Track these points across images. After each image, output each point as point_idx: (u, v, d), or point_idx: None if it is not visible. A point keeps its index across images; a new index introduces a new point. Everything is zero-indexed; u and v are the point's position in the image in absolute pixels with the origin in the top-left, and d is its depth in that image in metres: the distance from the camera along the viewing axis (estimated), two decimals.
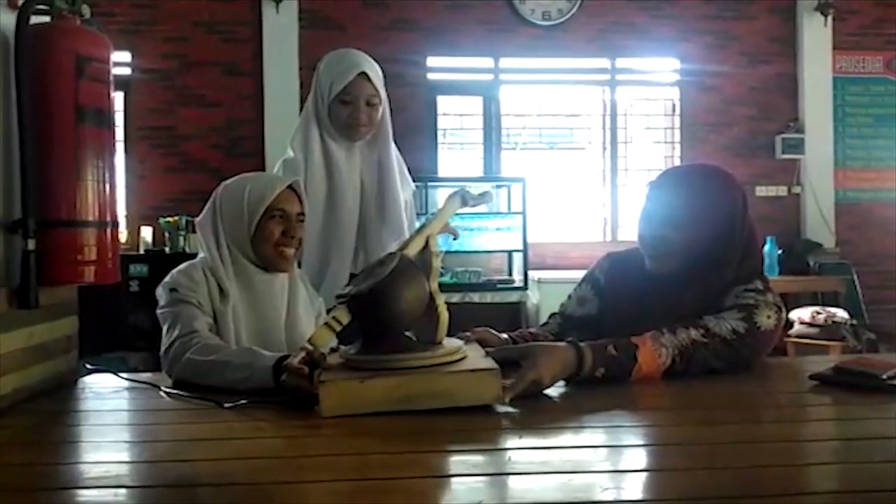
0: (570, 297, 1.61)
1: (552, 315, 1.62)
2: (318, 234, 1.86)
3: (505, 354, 1.22)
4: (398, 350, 1.15)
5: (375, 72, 1.84)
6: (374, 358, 1.15)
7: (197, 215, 1.58)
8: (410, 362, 1.13)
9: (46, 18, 1.29)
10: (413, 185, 2.04)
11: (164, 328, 1.44)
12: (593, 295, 1.57)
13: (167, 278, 1.50)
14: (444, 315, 1.20)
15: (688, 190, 1.42)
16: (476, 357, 1.19)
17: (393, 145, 1.94)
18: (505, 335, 1.47)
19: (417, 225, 1.91)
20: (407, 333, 1.19)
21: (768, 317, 1.36)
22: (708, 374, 1.32)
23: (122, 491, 0.87)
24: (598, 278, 1.58)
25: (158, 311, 1.47)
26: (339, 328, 1.13)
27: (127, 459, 1.02)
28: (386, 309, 1.14)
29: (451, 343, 1.21)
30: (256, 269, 1.52)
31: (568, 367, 1.22)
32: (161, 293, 1.49)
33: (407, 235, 1.86)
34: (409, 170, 2.02)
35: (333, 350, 1.32)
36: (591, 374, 1.24)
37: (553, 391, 1.22)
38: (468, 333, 1.38)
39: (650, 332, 1.30)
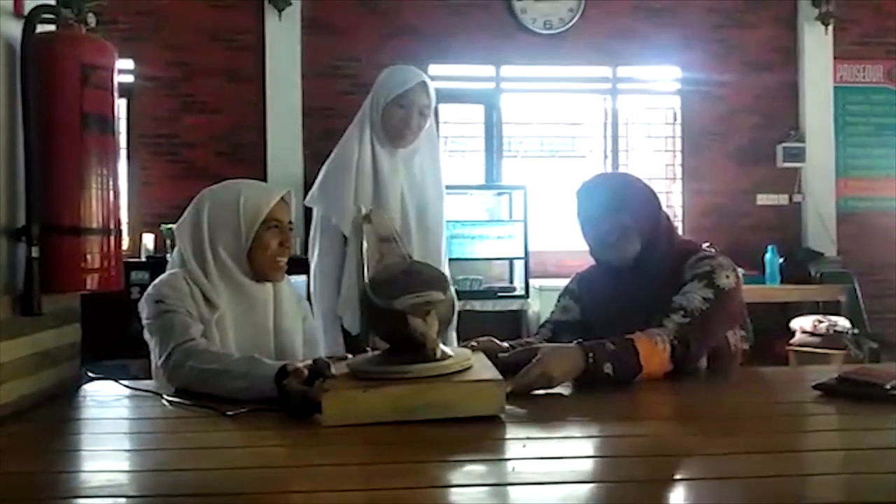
0: (554, 308, 1.74)
1: (543, 324, 1.73)
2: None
3: (518, 358, 1.28)
4: (425, 359, 1.15)
5: (431, 86, 1.99)
6: (378, 368, 1.14)
7: None
8: (415, 373, 1.12)
9: (52, 27, 1.30)
10: (445, 194, 2.12)
11: (155, 340, 1.41)
12: (574, 303, 1.70)
13: (150, 290, 1.46)
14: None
15: (615, 180, 1.65)
16: (480, 367, 1.18)
17: (441, 160, 2.06)
18: (506, 344, 1.49)
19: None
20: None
21: (727, 277, 1.46)
22: (704, 348, 1.40)
23: (124, 500, 0.87)
24: (573, 289, 1.72)
25: (145, 324, 1.44)
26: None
27: (129, 468, 1.01)
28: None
29: (458, 353, 1.21)
30: (245, 279, 1.50)
31: (577, 364, 1.28)
32: (145, 306, 1.45)
33: (443, 252, 2.03)
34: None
35: (340, 359, 1.32)
36: (600, 369, 1.29)
37: (557, 399, 1.22)
38: (474, 343, 1.40)
39: (639, 331, 1.37)
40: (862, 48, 5.41)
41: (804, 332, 4.30)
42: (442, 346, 1.20)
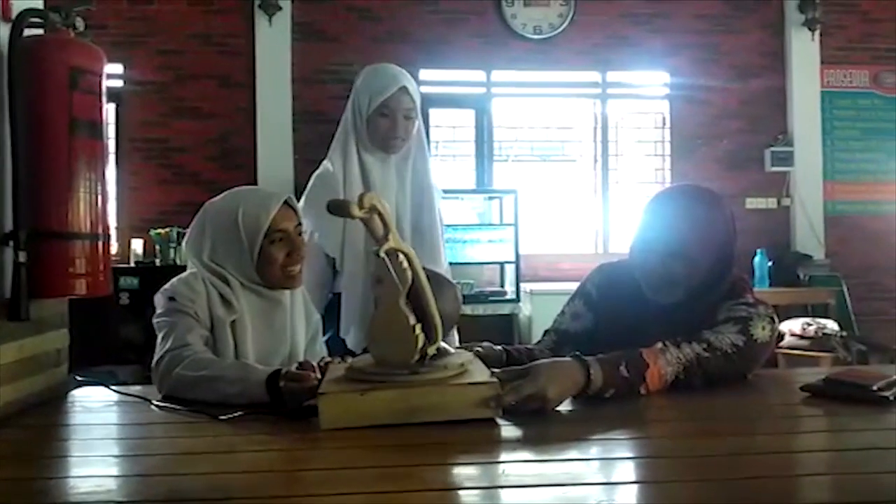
0: (562, 312, 1.60)
1: (546, 332, 1.60)
2: (363, 250, 1.81)
3: (510, 377, 1.17)
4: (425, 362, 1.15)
5: (414, 86, 1.90)
6: (376, 370, 1.14)
7: (188, 227, 1.54)
8: (413, 376, 1.12)
9: (40, 31, 1.30)
10: (442, 194, 2.04)
11: (159, 337, 1.41)
12: (587, 310, 1.56)
13: (167, 285, 1.45)
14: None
15: (692, 220, 1.41)
16: (476, 370, 1.19)
17: (430, 161, 1.97)
18: (499, 347, 1.47)
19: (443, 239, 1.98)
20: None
21: (763, 328, 1.37)
22: (706, 386, 1.32)
23: None
24: (591, 292, 1.57)
25: (154, 319, 1.43)
26: None
27: (118, 474, 1.01)
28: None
29: (456, 356, 1.21)
30: (262, 288, 1.47)
31: (577, 383, 1.20)
32: (159, 300, 1.44)
33: (441, 253, 1.93)
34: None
35: (332, 363, 1.32)
36: (600, 393, 1.22)
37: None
38: (478, 348, 1.38)
39: (658, 347, 1.29)
40: (848, 53, 5.47)
41: (793, 335, 4.33)
42: (444, 344, 1.20)
